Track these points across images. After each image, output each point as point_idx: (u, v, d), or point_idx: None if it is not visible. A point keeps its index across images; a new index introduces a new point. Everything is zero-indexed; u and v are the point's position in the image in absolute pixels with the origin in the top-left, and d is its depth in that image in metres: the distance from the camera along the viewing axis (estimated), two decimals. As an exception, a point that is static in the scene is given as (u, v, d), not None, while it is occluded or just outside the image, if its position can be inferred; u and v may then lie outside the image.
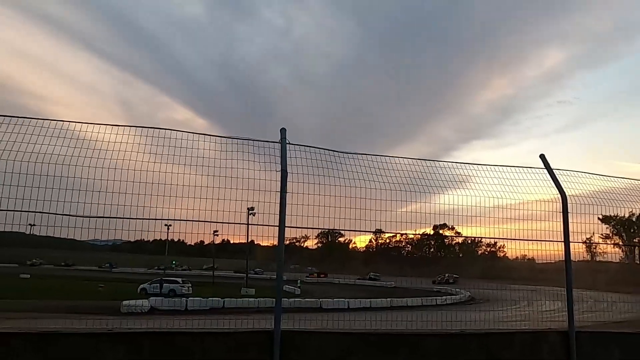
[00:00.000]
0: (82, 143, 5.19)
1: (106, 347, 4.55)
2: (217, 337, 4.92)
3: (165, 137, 5.49)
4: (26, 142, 4.98)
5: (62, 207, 4.91)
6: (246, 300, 32.75)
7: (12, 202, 4.81)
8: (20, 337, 4.54)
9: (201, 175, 5.39)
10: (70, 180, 4.98)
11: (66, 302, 25.72)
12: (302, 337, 5.12)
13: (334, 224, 5.71)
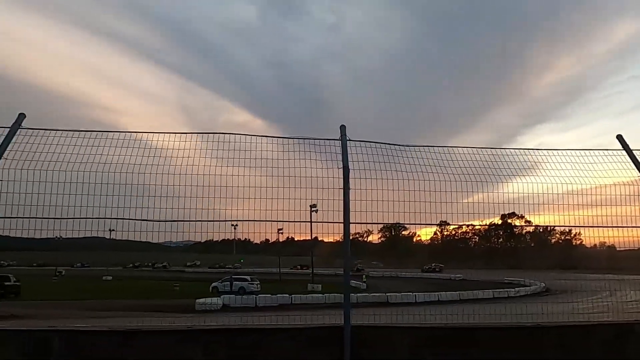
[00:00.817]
0: (152, 152, 5.50)
1: (185, 343, 4.80)
2: (289, 332, 5.03)
3: (228, 140, 5.69)
4: (104, 154, 5.37)
5: (138, 213, 5.25)
6: (313, 296, 33.19)
7: (93, 210, 5.22)
8: (105, 335, 4.92)
9: (264, 176, 5.54)
10: (145, 187, 5.31)
11: (146, 302, 27.35)
12: (372, 332, 5.10)
13: (397, 218, 5.67)
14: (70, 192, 5.14)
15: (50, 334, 4.78)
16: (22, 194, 5.10)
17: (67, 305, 25.41)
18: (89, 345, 4.77)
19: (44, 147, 5.28)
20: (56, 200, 5.13)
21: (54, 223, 5.22)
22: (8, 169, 5.04)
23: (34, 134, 5.36)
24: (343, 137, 5.52)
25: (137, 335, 4.83)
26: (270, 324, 5.36)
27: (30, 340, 4.80)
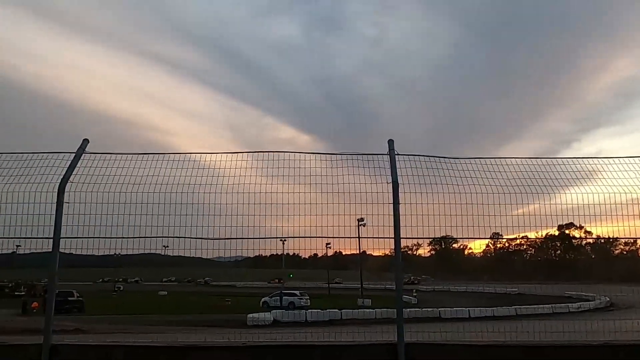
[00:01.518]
0: (204, 171, 5.72)
1: (241, 359, 4.89)
2: (343, 349, 5.00)
3: (277, 159, 5.82)
4: (159, 175, 5.62)
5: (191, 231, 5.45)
6: (363, 311, 32.82)
7: (150, 229, 5.46)
8: (164, 350, 5.07)
9: (312, 193, 5.60)
10: (197, 206, 5.51)
11: (199, 316, 28.01)
12: (427, 349, 4.97)
13: (447, 232, 5.57)
14: (129, 213, 5.42)
15: (113, 349, 5.01)
16: (86, 215, 5.43)
17: (126, 320, 26.44)
18: (149, 359, 4.94)
19: (105, 170, 5.61)
20: (117, 220, 5.43)
21: (116, 242, 5.53)
22: (74, 192, 5.37)
23: (96, 158, 5.72)
24: (391, 152, 5.50)
25: (194, 351, 4.97)
26: (323, 340, 5.37)
27: (95, 355, 5.06)
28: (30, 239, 5.46)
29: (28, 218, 5.40)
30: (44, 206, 5.40)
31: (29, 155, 5.79)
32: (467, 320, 27.89)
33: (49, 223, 5.34)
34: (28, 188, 5.41)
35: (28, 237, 5.39)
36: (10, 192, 5.46)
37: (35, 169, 5.57)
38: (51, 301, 5.24)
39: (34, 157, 5.73)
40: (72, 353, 5.04)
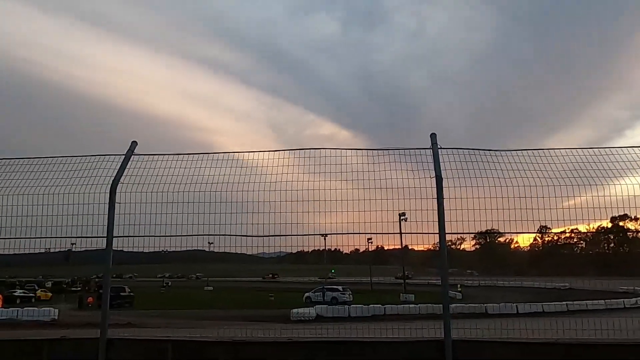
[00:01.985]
0: (247, 170, 5.83)
1: (287, 354, 4.96)
2: (389, 346, 4.97)
3: (318, 155, 5.85)
4: (204, 175, 5.78)
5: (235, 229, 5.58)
6: (406, 306, 32.51)
7: (195, 227, 5.63)
8: (214, 345, 5.23)
9: (354, 189, 5.60)
10: (240, 204, 5.62)
11: (244, 311, 28.57)
12: (475, 347, 4.86)
13: (492, 226, 5.44)
14: (176, 212, 5.62)
15: (165, 344, 5.21)
16: (135, 214, 5.65)
17: (174, 315, 27.35)
18: (200, 354, 5.12)
19: (152, 170, 5.82)
20: (165, 219, 5.62)
21: (164, 240, 5.73)
22: (125, 192, 5.60)
23: (144, 159, 5.93)
24: (434, 146, 5.41)
25: (245, 346, 5.10)
26: (370, 336, 5.36)
27: (147, 349, 5.27)
28: (85, 238, 5.75)
29: (82, 218, 5.66)
30: (97, 207, 5.66)
31: (81, 158, 6.07)
32: (514, 316, 27.10)
33: (102, 223, 5.59)
34: (81, 190, 5.68)
35: (83, 237, 5.66)
36: (65, 194, 5.74)
37: (87, 171, 5.85)
38: (106, 297, 5.50)
39: (86, 159, 6.01)
40: (126, 347, 5.28)
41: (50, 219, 5.73)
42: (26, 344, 5.62)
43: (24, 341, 5.72)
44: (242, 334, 5.85)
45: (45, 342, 5.46)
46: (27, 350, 5.46)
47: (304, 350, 4.98)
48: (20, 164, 6.22)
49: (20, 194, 5.82)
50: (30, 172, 6.07)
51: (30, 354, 5.39)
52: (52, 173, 5.97)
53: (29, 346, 5.54)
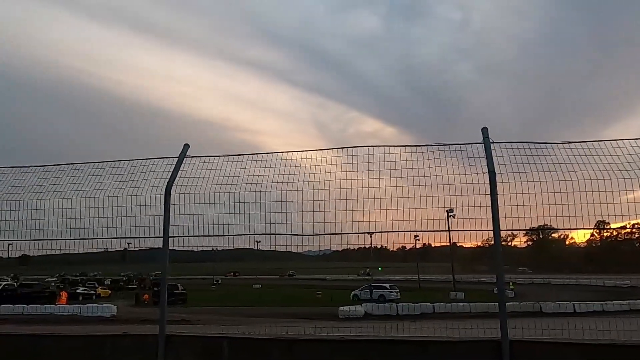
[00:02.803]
0: (293, 169, 5.90)
1: (340, 352, 4.99)
2: (441, 345, 4.90)
3: (363, 153, 5.84)
4: (251, 175, 5.91)
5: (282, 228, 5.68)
6: (457, 304, 31.87)
7: (243, 227, 5.77)
8: (269, 342, 5.34)
9: (400, 186, 5.55)
10: (287, 203, 5.71)
11: (292, 309, 28.96)
12: (534, 348, 4.67)
13: (545, 222, 5.26)
14: (225, 212, 5.78)
15: (221, 340, 5.37)
16: (186, 215, 5.86)
17: (225, 312, 28.10)
18: (255, 351, 5.24)
19: (202, 172, 6.00)
20: (216, 219, 5.80)
21: (214, 239, 5.91)
22: (179, 194, 5.82)
23: (195, 161, 6.14)
24: (486, 140, 5.26)
25: (297, 344, 5.17)
26: (423, 336, 5.29)
27: (204, 345, 5.46)
28: (141, 238, 6.01)
29: (137, 219, 5.93)
30: (151, 208, 5.90)
31: (136, 162, 6.35)
32: (572, 316, 25.96)
33: (155, 223, 5.83)
34: (137, 192, 5.95)
35: (140, 237, 5.92)
36: (121, 197, 6.03)
37: (142, 174, 6.11)
38: (164, 295, 5.73)
39: (140, 163, 6.29)
40: (184, 343, 5.48)
41: (108, 220, 6.04)
42: (92, 338, 5.96)
43: (91, 336, 6.05)
44: (293, 331, 5.93)
45: (109, 337, 5.79)
46: (92, 345, 5.80)
47: (358, 349, 4.99)
48: (81, 168, 6.57)
49: (81, 197, 6.15)
50: (89, 176, 6.40)
51: (96, 348, 5.72)
52: (110, 177, 6.28)
53: (94, 341, 5.87)
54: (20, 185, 6.58)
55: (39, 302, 33.89)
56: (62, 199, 6.21)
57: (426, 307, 29.64)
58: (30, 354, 5.84)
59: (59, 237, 6.32)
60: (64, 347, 5.81)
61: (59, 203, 6.21)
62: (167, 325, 5.53)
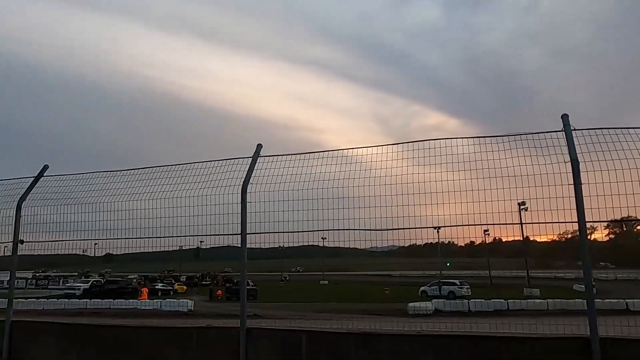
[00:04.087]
0: (354, 166, 5.95)
1: (417, 347, 4.98)
2: (524, 342, 4.75)
3: (427, 147, 5.77)
4: (317, 172, 6.04)
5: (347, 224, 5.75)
6: (533, 301, 30.43)
7: (310, 223, 5.91)
8: (345, 336, 5.45)
9: (467, 179, 5.45)
10: (352, 199, 5.78)
11: (360, 305, 29.00)
12: (626, 346, 4.41)
13: (629, 213, 4.94)
14: (292, 209, 5.95)
15: (299, 334, 5.55)
16: (257, 212, 6.11)
17: (295, 307, 28.68)
18: (332, 344, 5.37)
19: (270, 170, 6.21)
20: (282, 216, 6.00)
21: (282, 236, 6.12)
22: (253, 192, 6.08)
23: (266, 160, 6.38)
24: (566, 127, 5.02)
25: (374, 338, 5.23)
26: (503, 332, 5.15)
27: (282, 338, 5.68)
28: (217, 235, 6.32)
29: (210, 218, 6.23)
30: (223, 207, 6.19)
31: (211, 163, 6.69)
32: (663, 314, 23.94)
33: (226, 221, 6.11)
34: (214, 192, 6.27)
35: (219, 234, 6.22)
36: (198, 197, 6.37)
37: (217, 175, 6.43)
38: (244, 291, 6.00)
39: (216, 164, 6.61)
40: (264, 336, 5.73)
41: (184, 219, 6.39)
42: (180, 330, 6.39)
43: (179, 328, 6.50)
44: (366, 327, 6.00)
45: (194, 329, 6.19)
46: (181, 335, 6.23)
47: (435, 344, 4.96)
48: (159, 171, 7.02)
49: (158, 198, 6.55)
50: (166, 178, 6.82)
51: (183, 338, 6.15)
52: (186, 178, 6.66)
53: (182, 332, 6.29)
54: (103, 188, 7.12)
55: (124, 297, 36.46)
56: (141, 200, 6.66)
57: (500, 304, 28.53)
58: (129, 342, 6.39)
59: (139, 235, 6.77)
60: (158, 337, 6.33)
61: (139, 204, 6.67)
62: (237, 318, 5.79)
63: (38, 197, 7.38)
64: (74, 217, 7.12)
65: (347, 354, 5.19)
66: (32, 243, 7.41)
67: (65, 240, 7.34)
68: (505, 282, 60.38)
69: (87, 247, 7.49)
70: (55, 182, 7.50)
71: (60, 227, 7.22)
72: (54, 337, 6.87)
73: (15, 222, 7.28)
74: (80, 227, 7.08)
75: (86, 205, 7.12)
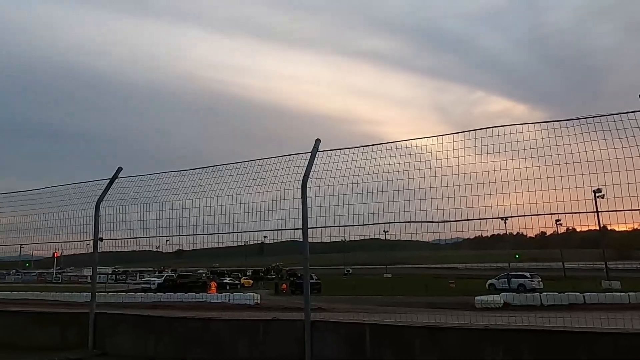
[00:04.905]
0: (414, 157, 5.87)
1: (485, 341, 4.85)
2: (604, 338, 4.50)
3: (491, 135, 5.57)
4: (377, 165, 6.00)
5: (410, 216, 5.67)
6: (612, 294, 28.49)
7: (371, 216, 5.89)
8: (410, 329, 5.41)
9: (535, 167, 5.20)
10: (413, 191, 5.69)
11: (425, 298, 28.51)
12: None
13: None
14: (353, 202, 5.95)
15: (363, 327, 5.58)
16: (320, 207, 6.16)
17: (359, 301, 28.75)
18: (395, 337, 5.34)
19: (329, 165, 6.25)
20: (343, 210, 6.02)
21: (345, 230, 6.14)
22: (314, 187, 6.15)
23: (324, 155, 6.43)
24: (645, 109, 4.69)
25: (439, 332, 5.15)
26: (582, 327, 4.84)
27: (347, 331, 5.73)
28: (280, 230, 6.46)
29: (274, 213, 6.37)
30: (286, 202, 6.31)
31: (272, 160, 6.83)
32: None
33: (290, 216, 6.22)
34: (275, 187, 6.41)
35: (282, 229, 6.37)
36: (261, 193, 6.54)
37: (278, 171, 6.56)
38: (307, 284, 6.12)
39: (276, 160, 6.75)
40: (328, 328, 5.82)
41: (248, 215, 6.60)
42: (249, 322, 6.67)
43: (248, 320, 6.80)
44: (431, 320, 5.90)
45: (262, 321, 6.44)
46: (250, 327, 6.49)
47: (505, 338, 4.79)
48: (223, 169, 7.26)
49: (223, 195, 6.80)
50: (230, 175, 7.06)
51: (251, 329, 6.41)
52: (249, 175, 6.85)
53: (251, 324, 6.56)
54: (172, 187, 7.50)
55: (194, 290, 38.22)
56: (207, 198, 6.95)
57: (575, 297, 26.97)
58: (201, 333, 6.74)
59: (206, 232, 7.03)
60: (228, 329, 6.62)
61: (205, 202, 6.97)
62: (301, 312, 5.89)
63: (114, 197, 7.90)
64: (146, 216, 7.57)
65: (412, 348, 5.14)
66: (110, 241, 7.95)
67: (139, 237, 7.82)
68: (580, 275, 57.09)
69: (160, 243, 7.93)
70: (129, 182, 8.00)
71: (134, 225, 7.71)
72: (133, 328, 7.36)
73: (95, 221, 7.84)
74: (153, 225, 7.50)
75: (157, 204, 7.53)
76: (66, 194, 8.47)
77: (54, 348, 7.47)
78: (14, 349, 7.78)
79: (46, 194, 8.80)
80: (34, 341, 7.91)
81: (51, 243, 8.70)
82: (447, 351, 4.96)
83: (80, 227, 8.06)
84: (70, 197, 8.38)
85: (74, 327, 7.74)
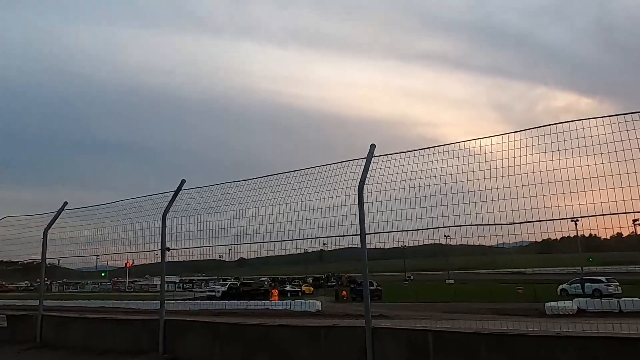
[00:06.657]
0: (474, 158, 5.71)
1: (557, 349, 4.63)
2: None
3: (555, 132, 5.34)
4: (435, 168, 5.87)
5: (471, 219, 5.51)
6: None
7: (431, 220, 5.75)
8: (473, 336, 5.24)
9: (608, 163, 4.89)
10: (475, 193, 5.52)
11: (490, 305, 27.43)
12: None
13: None
14: (412, 207, 5.86)
15: (426, 334, 5.47)
16: (377, 212, 6.12)
17: (421, 307, 28.10)
18: (460, 344, 5.21)
19: (386, 170, 6.20)
20: (402, 215, 5.94)
21: (403, 235, 6.06)
22: (370, 193, 6.13)
23: (379, 160, 6.40)
24: None
25: (507, 339, 4.96)
26: None
27: (408, 338, 5.64)
28: (338, 237, 6.48)
29: (331, 220, 6.40)
30: (343, 208, 6.33)
31: (328, 167, 6.88)
32: None
33: (348, 222, 6.22)
34: (332, 194, 6.45)
35: (340, 236, 6.39)
36: (318, 200, 6.60)
37: (334, 177, 6.60)
38: (367, 291, 6.10)
39: (332, 167, 6.78)
40: (389, 335, 5.74)
41: (306, 222, 6.66)
42: (311, 329, 6.81)
43: (310, 327, 6.97)
44: (497, 327, 5.66)
45: (323, 328, 6.51)
46: (312, 333, 6.58)
47: (579, 347, 4.54)
48: (282, 177, 7.39)
49: (281, 203, 6.93)
50: (288, 183, 7.18)
51: (312, 336, 6.50)
52: (306, 182, 6.93)
53: (313, 331, 6.67)
54: (233, 197, 7.72)
55: (257, 298, 39.08)
56: (268, 206, 7.11)
57: (663, 305, 24.86)
58: (265, 339, 6.92)
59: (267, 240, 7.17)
60: (291, 335, 6.76)
61: (265, 210, 7.14)
62: (362, 319, 5.85)
63: (179, 208, 8.28)
64: (209, 225, 7.85)
65: (478, 356, 4.96)
66: (176, 250, 8.32)
67: (202, 246, 8.13)
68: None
69: (223, 252, 8.20)
70: (191, 194, 8.36)
71: (198, 235, 8.02)
72: (200, 334, 7.65)
73: (162, 231, 8.24)
74: (216, 234, 7.77)
75: (219, 213, 7.79)
76: (136, 207, 8.98)
77: (128, 352, 7.95)
78: (92, 352, 8.35)
79: (117, 207, 9.38)
80: (110, 346, 8.44)
81: (123, 253, 9.25)
82: (515, 356, 4.76)
83: (149, 237, 8.51)
84: (139, 209, 8.88)
85: (145, 333, 8.16)
